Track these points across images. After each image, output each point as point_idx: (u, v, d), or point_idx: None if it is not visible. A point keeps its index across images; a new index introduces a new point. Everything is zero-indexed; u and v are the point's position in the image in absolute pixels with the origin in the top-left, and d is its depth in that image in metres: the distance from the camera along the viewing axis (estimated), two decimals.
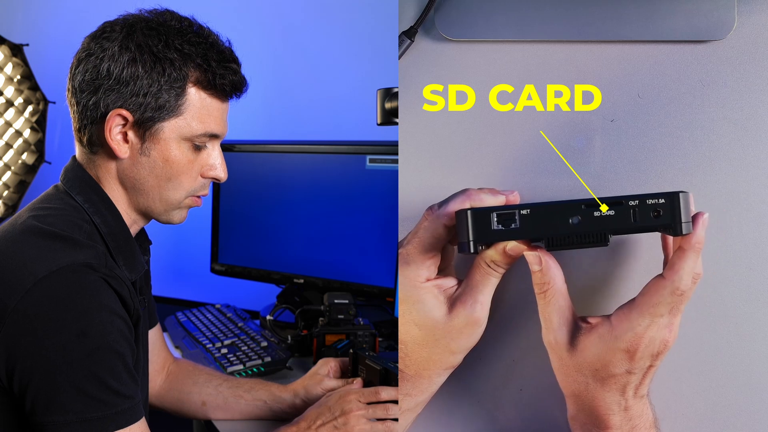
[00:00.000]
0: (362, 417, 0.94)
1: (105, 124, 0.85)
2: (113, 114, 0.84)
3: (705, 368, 0.80)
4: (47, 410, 0.74)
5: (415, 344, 0.77)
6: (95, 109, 0.85)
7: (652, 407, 0.77)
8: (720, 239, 0.79)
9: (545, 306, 0.74)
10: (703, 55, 0.82)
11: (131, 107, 0.84)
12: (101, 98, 0.84)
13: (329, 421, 0.94)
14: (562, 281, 0.74)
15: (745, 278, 0.80)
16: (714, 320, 0.80)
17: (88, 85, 0.85)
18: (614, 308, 0.74)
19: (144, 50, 0.84)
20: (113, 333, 0.77)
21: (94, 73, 0.84)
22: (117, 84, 0.84)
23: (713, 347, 0.80)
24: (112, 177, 0.89)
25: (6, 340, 0.75)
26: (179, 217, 0.93)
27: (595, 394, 0.74)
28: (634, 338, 0.71)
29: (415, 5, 0.85)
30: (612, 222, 0.70)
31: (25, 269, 0.76)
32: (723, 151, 0.81)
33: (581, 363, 0.74)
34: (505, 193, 0.77)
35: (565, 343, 0.74)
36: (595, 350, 0.73)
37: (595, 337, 0.73)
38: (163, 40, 0.84)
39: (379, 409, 0.95)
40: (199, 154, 0.89)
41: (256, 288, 1.75)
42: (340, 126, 1.86)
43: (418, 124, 0.84)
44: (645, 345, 0.72)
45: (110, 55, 0.84)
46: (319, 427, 0.93)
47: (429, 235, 0.76)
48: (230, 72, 0.88)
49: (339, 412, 0.94)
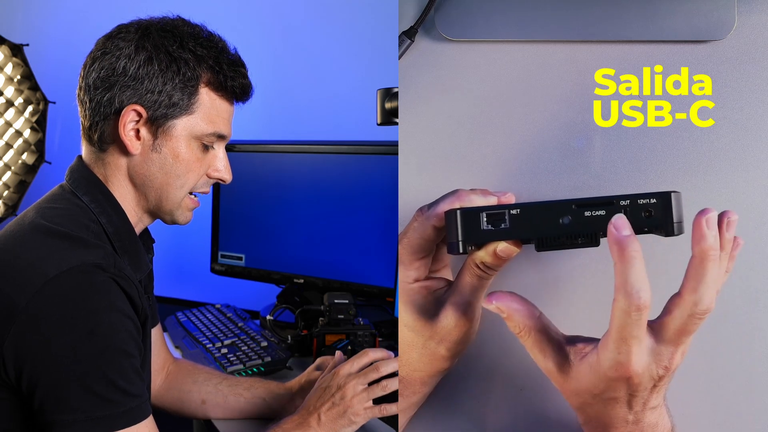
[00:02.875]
0: (357, 385, 0.94)
1: (119, 120, 0.87)
2: (128, 109, 0.86)
3: (705, 368, 0.80)
4: (56, 409, 0.75)
5: (406, 345, 0.76)
6: (109, 105, 0.87)
7: (669, 416, 0.74)
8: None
9: (525, 342, 0.72)
10: (703, 55, 0.82)
11: (146, 103, 0.86)
12: (116, 94, 0.86)
13: (328, 399, 0.94)
14: (533, 317, 0.71)
15: (745, 278, 0.80)
16: (714, 320, 0.80)
17: (103, 82, 0.87)
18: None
19: (160, 50, 0.86)
20: (122, 333, 0.78)
21: (109, 70, 0.86)
22: (132, 81, 0.86)
23: (713, 347, 0.80)
24: (121, 174, 0.90)
25: (15, 339, 0.75)
26: (184, 218, 0.95)
27: (600, 411, 0.71)
28: (621, 367, 0.67)
29: (415, 5, 0.85)
30: (603, 222, 0.69)
31: (35, 269, 0.76)
32: (723, 151, 0.81)
33: (579, 388, 0.71)
34: (498, 194, 0.76)
35: (555, 371, 0.72)
36: (589, 379, 0.70)
37: (585, 367, 0.70)
38: (177, 42, 0.87)
39: (371, 372, 0.95)
40: (206, 154, 0.92)
41: (256, 288, 1.75)
42: (340, 126, 1.85)
43: (418, 124, 0.84)
44: (640, 372, 0.67)
45: (126, 54, 0.86)
46: (319, 408, 0.94)
47: (418, 236, 0.75)
48: (240, 76, 0.91)
49: (335, 388, 0.95)
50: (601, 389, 0.69)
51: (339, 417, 0.93)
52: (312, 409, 0.94)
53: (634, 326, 0.65)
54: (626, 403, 0.70)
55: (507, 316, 0.72)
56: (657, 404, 0.71)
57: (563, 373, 0.71)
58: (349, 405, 0.93)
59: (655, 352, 0.67)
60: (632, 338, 0.65)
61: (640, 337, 0.66)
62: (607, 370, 0.68)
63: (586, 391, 0.70)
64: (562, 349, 0.71)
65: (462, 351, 0.77)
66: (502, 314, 0.72)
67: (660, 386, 0.69)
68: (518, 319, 0.71)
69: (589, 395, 0.71)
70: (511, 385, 0.82)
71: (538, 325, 0.72)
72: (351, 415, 0.93)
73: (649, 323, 0.67)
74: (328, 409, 0.93)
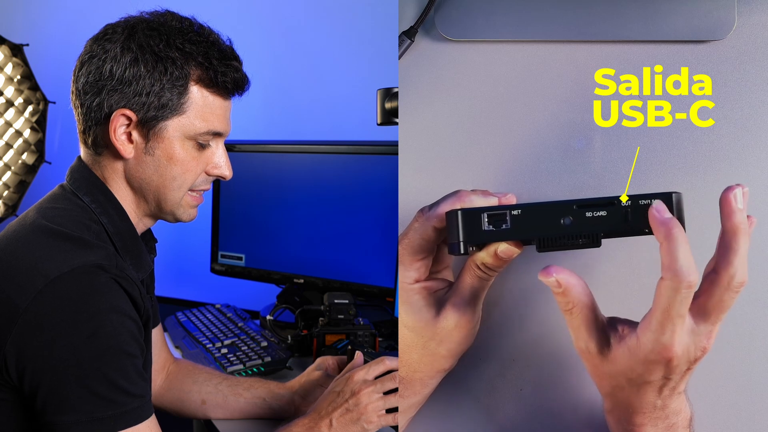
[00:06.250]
0: (372, 393, 0.92)
1: (109, 125, 0.85)
2: (117, 114, 0.85)
3: (705, 369, 0.80)
4: (57, 410, 0.75)
5: (406, 346, 0.76)
6: (99, 110, 0.86)
7: (689, 404, 0.74)
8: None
9: (572, 320, 0.71)
10: (703, 55, 0.82)
11: (134, 107, 0.85)
12: (105, 99, 0.85)
13: (341, 405, 0.92)
14: (587, 294, 0.70)
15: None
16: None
17: (92, 87, 0.85)
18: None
19: (146, 50, 0.84)
20: (123, 334, 0.78)
21: (97, 74, 0.85)
22: (120, 84, 0.84)
23: (713, 347, 0.80)
24: (118, 177, 0.89)
25: (17, 340, 0.75)
26: (188, 216, 0.93)
27: (630, 396, 0.71)
28: (664, 350, 0.67)
29: (415, 5, 0.85)
30: (604, 223, 0.69)
31: (36, 270, 0.76)
32: (723, 151, 0.81)
33: (614, 371, 0.70)
34: (499, 195, 0.76)
35: (596, 352, 0.71)
36: (627, 362, 0.69)
37: (625, 350, 0.69)
38: (164, 40, 0.85)
39: (387, 381, 0.93)
40: (203, 152, 0.90)
41: (256, 288, 1.75)
42: (340, 126, 1.86)
43: (418, 124, 0.84)
44: (680, 353, 0.67)
45: (112, 56, 0.84)
46: (331, 413, 0.92)
47: (418, 236, 0.75)
48: (232, 69, 0.88)
49: (348, 394, 0.93)
50: (638, 373, 0.69)
51: (352, 423, 0.91)
52: (324, 414, 0.92)
53: (681, 305, 0.65)
54: (658, 388, 0.70)
55: (563, 290, 0.69)
56: (682, 389, 0.72)
57: (602, 355, 0.70)
58: (363, 412, 0.91)
59: (695, 333, 0.68)
60: (678, 317, 0.66)
61: (684, 316, 0.66)
62: (648, 353, 0.68)
63: (621, 375, 0.70)
64: (604, 331, 0.71)
65: (462, 352, 0.77)
66: (558, 288, 0.69)
67: (692, 369, 0.70)
68: (574, 294, 0.69)
69: (624, 379, 0.70)
70: (511, 386, 0.82)
71: (591, 303, 0.70)
72: (364, 422, 0.91)
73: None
74: (341, 415, 0.91)
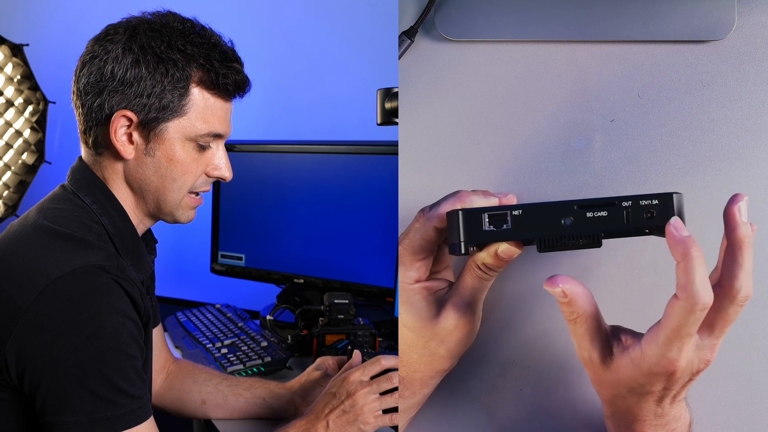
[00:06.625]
0: (369, 394, 0.92)
1: (110, 126, 0.85)
2: (118, 115, 0.85)
3: (705, 369, 0.80)
4: (57, 410, 0.75)
5: (406, 346, 0.76)
6: (100, 111, 0.86)
7: (689, 409, 0.75)
8: (719, 239, 0.79)
9: (576, 330, 0.70)
10: (703, 55, 0.82)
11: (135, 108, 0.85)
12: (105, 100, 0.85)
13: (337, 406, 0.92)
14: (592, 304, 0.70)
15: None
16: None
17: (93, 88, 0.85)
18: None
19: (147, 51, 0.84)
20: (123, 335, 0.78)
21: (98, 75, 0.85)
22: (121, 85, 0.84)
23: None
24: (119, 178, 0.89)
25: (18, 340, 0.75)
26: (186, 218, 0.93)
27: (630, 404, 0.71)
28: (668, 364, 0.67)
29: (415, 5, 0.85)
30: (605, 223, 0.69)
31: (37, 270, 0.76)
32: (723, 151, 0.81)
33: (616, 380, 0.70)
34: (499, 195, 0.76)
35: (598, 362, 0.70)
36: (629, 372, 0.69)
37: (627, 360, 0.69)
38: (165, 41, 0.85)
39: (384, 382, 0.93)
40: (203, 153, 0.90)
41: (256, 288, 1.75)
42: (340, 126, 1.86)
43: (418, 124, 0.84)
44: (684, 366, 0.67)
45: (114, 57, 0.84)
46: (327, 415, 0.92)
47: (419, 236, 0.75)
48: (233, 71, 0.88)
49: (345, 395, 0.92)
50: (639, 383, 0.69)
51: (348, 425, 0.91)
52: (320, 415, 0.92)
53: (693, 325, 0.65)
54: (659, 398, 0.70)
55: (569, 300, 0.69)
56: (682, 398, 0.72)
57: (604, 365, 0.70)
58: (360, 413, 0.91)
59: (699, 347, 0.68)
60: (687, 336, 0.66)
61: (693, 335, 0.66)
62: (652, 366, 0.67)
63: (622, 384, 0.70)
64: (608, 340, 0.71)
65: (462, 352, 0.77)
66: (563, 298, 0.69)
67: (693, 380, 0.70)
68: (579, 304, 0.69)
69: (625, 388, 0.70)
70: (511, 386, 0.82)
71: (596, 313, 0.70)
72: (361, 423, 0.91)
73: None
74: (338, 417, 0.91)
